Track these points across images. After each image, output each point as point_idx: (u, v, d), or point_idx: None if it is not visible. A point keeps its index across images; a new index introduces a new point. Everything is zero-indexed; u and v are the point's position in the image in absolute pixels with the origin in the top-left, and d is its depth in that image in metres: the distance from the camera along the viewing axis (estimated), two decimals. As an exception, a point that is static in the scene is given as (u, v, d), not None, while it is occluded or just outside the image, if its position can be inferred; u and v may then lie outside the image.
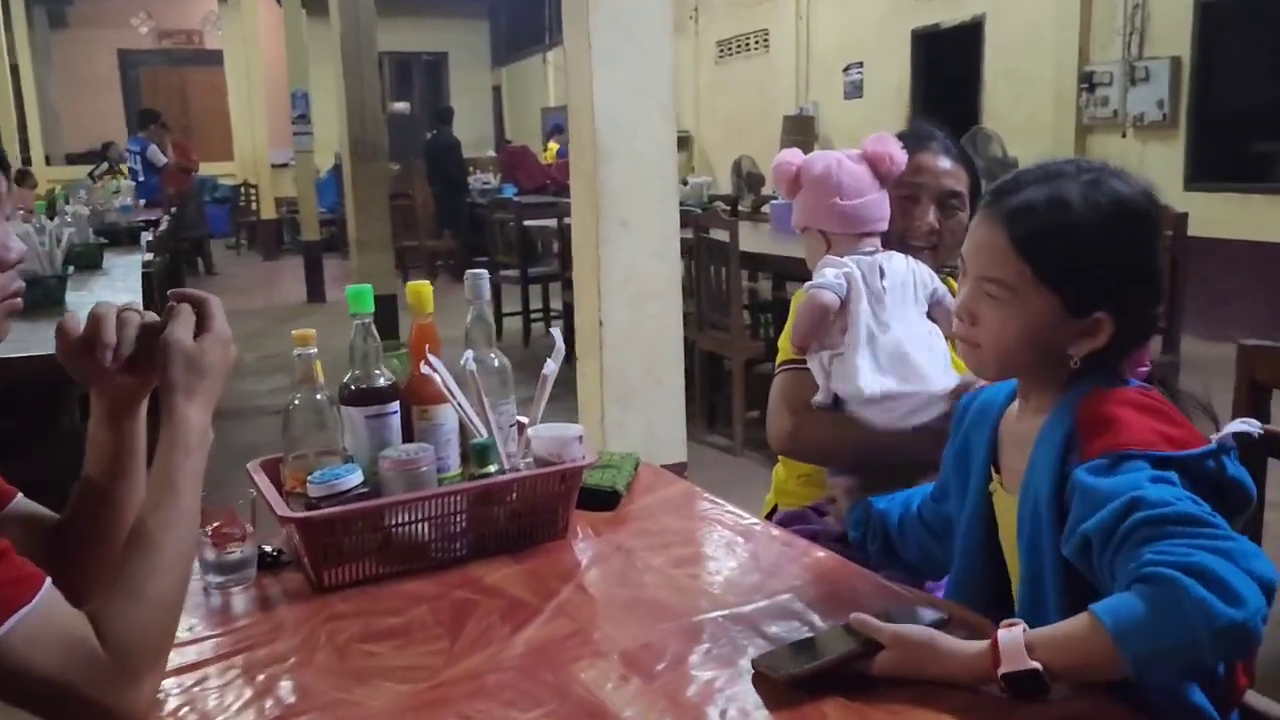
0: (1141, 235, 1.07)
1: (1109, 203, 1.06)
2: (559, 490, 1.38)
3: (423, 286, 1.45)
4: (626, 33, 2.31)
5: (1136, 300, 1.08)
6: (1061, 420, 1.07)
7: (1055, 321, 1.07)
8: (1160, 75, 6.63)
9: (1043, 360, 1.10)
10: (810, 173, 1.61)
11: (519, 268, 6.78)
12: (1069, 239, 1.06)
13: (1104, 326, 1.06)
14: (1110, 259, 1.06)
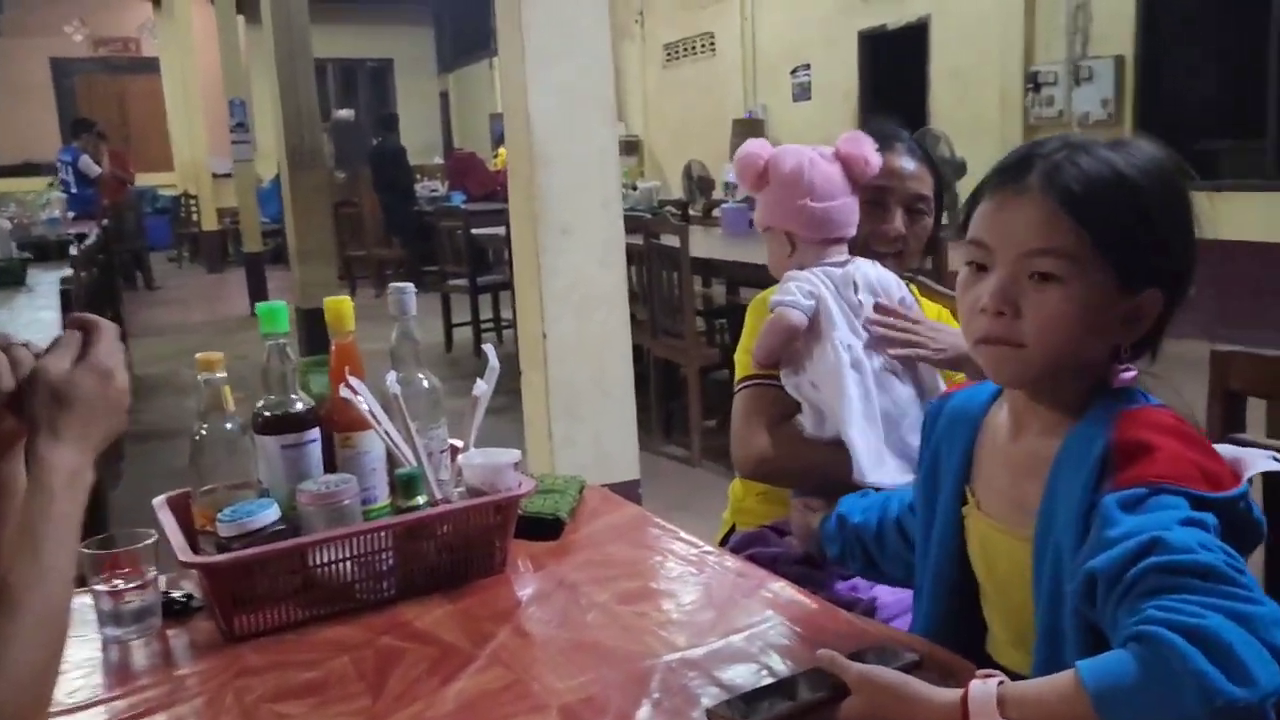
0: (1186, 199, 0.97)
1: (1151, 161, 0.96)
2: (494, 522, 1.28)
3: (341, 302, 1.34)
4: (562, 31, 2.20)
5: (1184, 276, 0.97)
6: (1091, 441, 0.93)
7: (1109, 301, 0.95)
8: (1104, 74, 6.67)
9: (1087, 358, 0.98)
10: (779, 169, 1.52)
11: (468, 277, 6.65)
12: (1122, 195, 0.94)
13: (1151, 307, 0.96)
14: (1164, 223, 0.95)
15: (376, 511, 1.34)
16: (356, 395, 1.28)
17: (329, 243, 6.14)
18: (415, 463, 1.28)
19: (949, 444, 1.13)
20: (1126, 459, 0.89)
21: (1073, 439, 0.96)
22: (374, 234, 10.49)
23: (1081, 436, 0.95)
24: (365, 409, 1.28)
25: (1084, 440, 0.95)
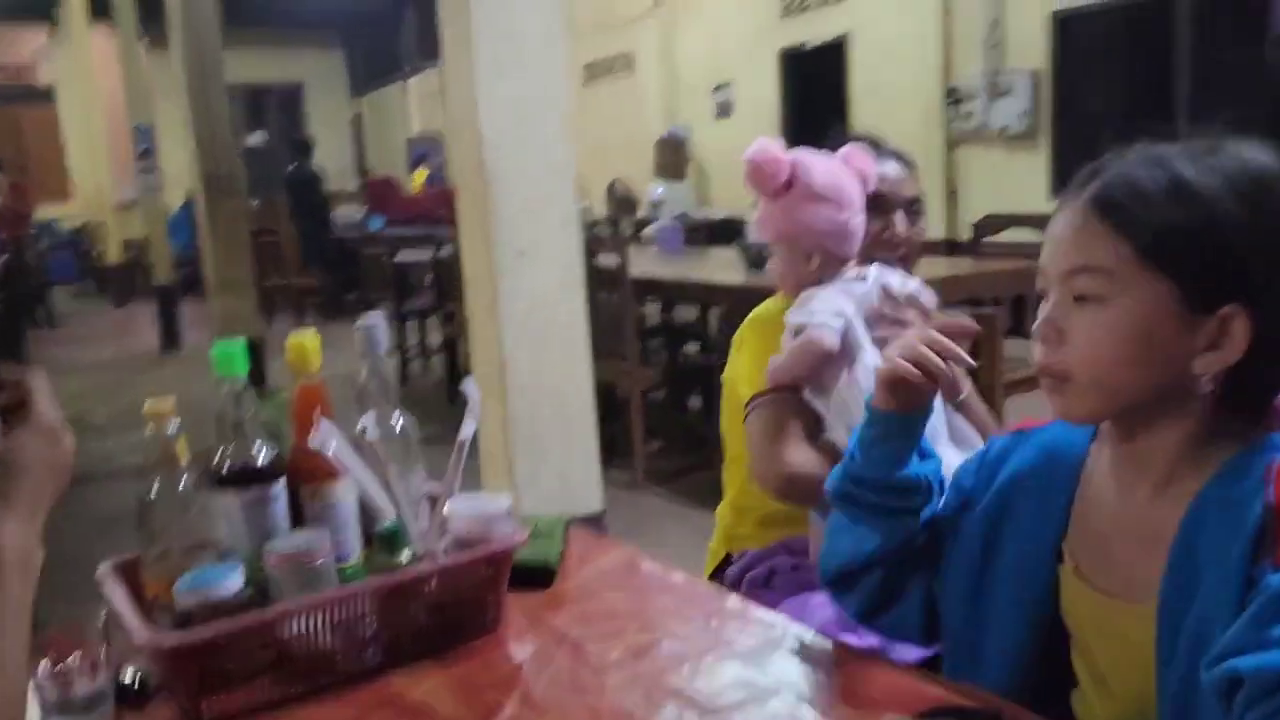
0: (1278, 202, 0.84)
1: (1228, 162, 0.85)
2: (487, 576, 1.16)
3: (306, 339, 1.21)
4: (513, 41, 2.10)
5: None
6: (1241, 503, 0.81)
7: (1169, 320, 0.84)
8: (1021, 87, 6.81)
9: (1164, 388, 0.86)
10: (810, 178, 1.43)
11: (393, 303, 6.48)
12: (1179, 202, 0.84)
13: (1236, 327, 0.83)
14: (1237, 227, 0.83)
15: (351, 570, 1.21)
16: (328, 442, 1.16)
17: (247, 273, 5.90)
18: (397, 515, 1.16)
19: (1035, 492, 1.00)
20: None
21: (1209, 500, 0.85)
22: (293, 262, 10.19)
23: (1220, 499, 0.84)
24: (338, 458, 1.16)
25: (1224, 502, 0.83)
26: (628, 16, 11.07)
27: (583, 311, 2.22)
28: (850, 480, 1.05)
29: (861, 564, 1.07)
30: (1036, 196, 6.73)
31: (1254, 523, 0.79)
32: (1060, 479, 0.98)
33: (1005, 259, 3.98)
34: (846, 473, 1.05)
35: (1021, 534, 1.00)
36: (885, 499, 1.03)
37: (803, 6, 8.77)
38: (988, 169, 7.19)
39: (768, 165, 1.42)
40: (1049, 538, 0.98)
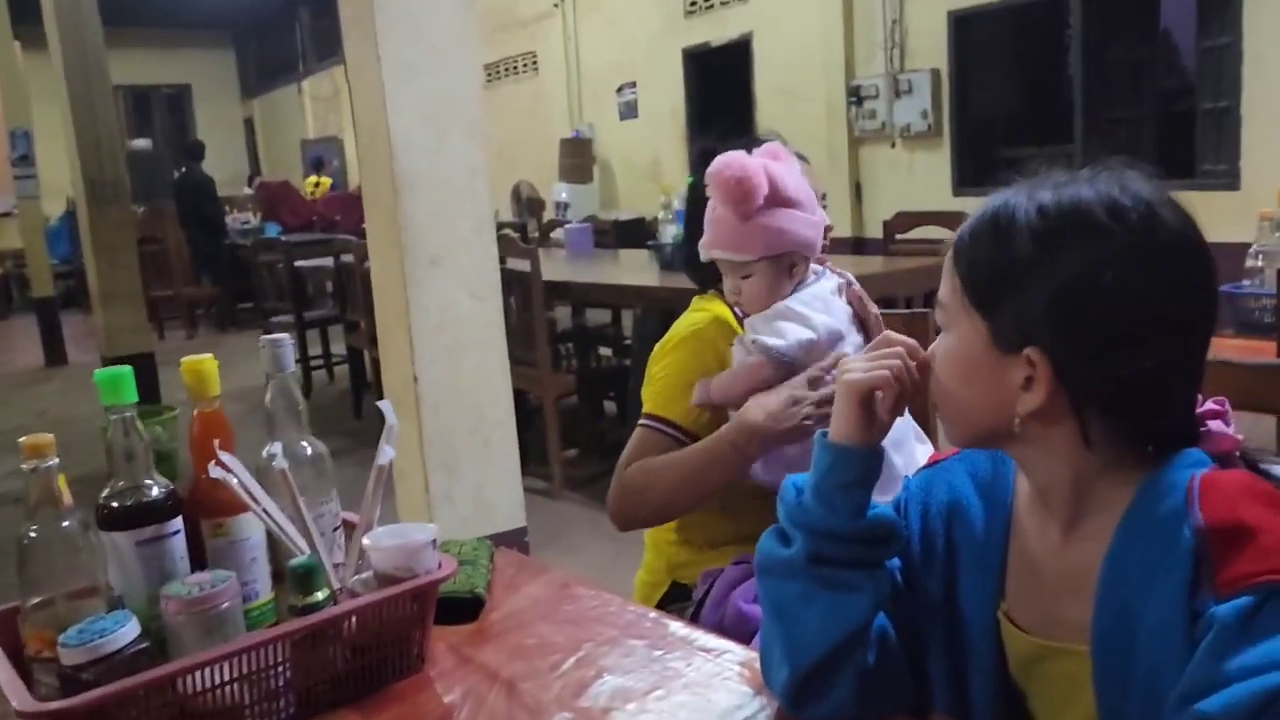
0: (1101, 248, 0.78)
1: (1062, 202, 0.80)
2: (411, 614, 1.07)
3: (203, 363, 1.11)
4: (422, 39, 2.00)
5: (1083, 337, 0.79)
6: (1166, 530, 0.76)
7: (986, 359, 0.83)
8: (922, 87, 6.92)
9: (1004, 427, 0.83)
10: (785, 184, 1.37)
11: (293, 313, 6.25)
12: (995, 239, 0.82)
13: (1038, 371, 0.80)
14: (1035, 267, 0.79)
15: (259, 610, 1.12)
16: (229, 473, 1.05)
17: (135, 284, 5.61)
18: (310, 550, 1.06)
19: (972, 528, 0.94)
20: (1226, 550, 0.73)
21: (1129, 533, 0.80)
22: (181, 272, 9.79)
23: (1140, 530, 0.79)
24: (241, 490, 1.06)
25: (1146, 533, 0.78)
26: (529, 16, 10.95)
27: (499, 320, 2.13)
28: (820, 538, 0.89)
29: (842, 646, 0.88)
30: (940, 194, 6.86)
31: (1185, 550, 0.75)
32: (994, 512, 0.93)
33: (916, 257, 4.01)
34: (811, 530, 0.89)
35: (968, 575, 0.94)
36: (862, 553, 0.90)
37: (706, 6, 8.78)
38: (892, 167, 7.30)
39: (751, 180, 1.33)
40: (989, 583, 0.92)
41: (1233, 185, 5.55)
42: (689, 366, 1.46)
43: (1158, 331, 0.79)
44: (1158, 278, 0.79)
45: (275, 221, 10.26)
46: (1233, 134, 5.56)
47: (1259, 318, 2.43)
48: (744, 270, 1.41)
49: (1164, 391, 0.80)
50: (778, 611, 0.92)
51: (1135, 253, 0.79)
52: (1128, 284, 0.78)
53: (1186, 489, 0.77)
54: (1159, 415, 0.81)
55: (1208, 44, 5.83)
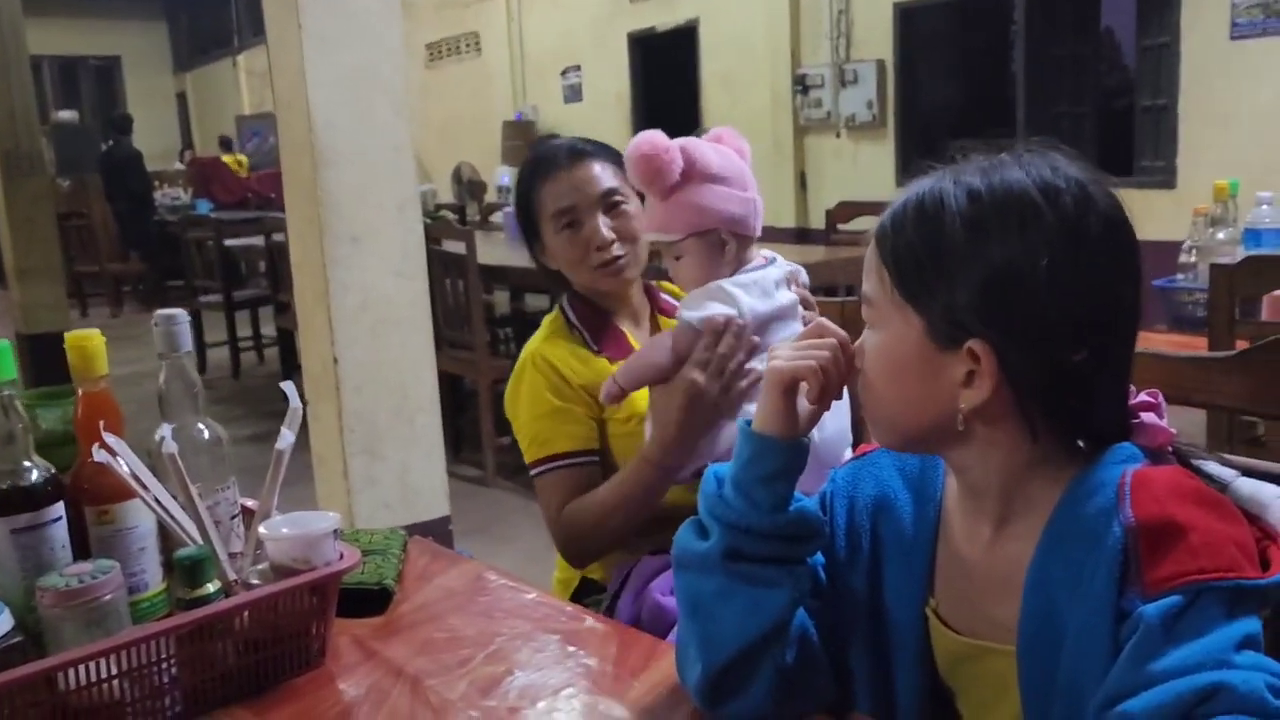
0: (1039, 230, 0.75)
1: (993, 185, 0.77)
2: (309, 607, 1.01)
3: (88, 338, 1.03)
4: (344, 10, 1.93)
5: (1023, 327, 0.75)
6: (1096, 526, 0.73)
7: (921, 354, 0.79)
8: (867, 77, 6.94)
9: (944, 423, 0.79)
10: (707, 159, 1.32)
11: (222, 292, 6.09)
12: (924, 228, 0.78)
13: (982, 363, 0.76)
14: (968, 255, 0.76)
15: (148, 602, 1.05)
16: (115, 457, 0.99)
17: (55, 258, 5.42)
18: (202, 540, 1.00)
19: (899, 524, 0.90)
20: (1155, 547, 0.70)
21: (1056, 531, 0.77)
22: (108, 247, 9.50)
23: (1068, 528, 0.76)
24: (128, 474, 0.99)
25: (1074, 531, 0.76)
26: (473, -5, 10.80)
27: (425, 301, 2.07)
28: (739, 533, 0.85)
29: (758, 643, 0.84)
30: (884, 185, 6.88)
31: (1114, 548, 0.72)
32: (923, 508, 0.90)
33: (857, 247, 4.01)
34: (730, 525, 0.85)
35: (894, 572, 0.90)
36: (782, 550, 0.86)
37: (652, -10, 8.73)
38: (836, 157, 7.31)
39: (661, 157, 1.28)
40: (917, 575, 0.89)
41: (1169, 183, 5.65)
42: (540, 397, 1.44)
43: (1098, 315, 0.76)
44: (1095, 259, 0.76)
45: (207, 198, 10.01)
46: (1170, 132, 5.66)
47: (1191, 312, 2.45)
48: (675, 250, 1.37)
49: (1099, 381, 0.77)
50: (693, 607, 0.88)
51: (1072, 234, 0.75)
52: (1066, 267, 0.75)
53: (1118, 485, 0.74)
54: (1094, 406, 0.78)
55: (1147, 43, 5.92)
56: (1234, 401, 1.08)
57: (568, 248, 1.48)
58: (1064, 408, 0.78)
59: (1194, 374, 1.06)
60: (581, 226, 1.47)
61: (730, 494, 0.86)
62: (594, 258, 1.47)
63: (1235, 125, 5.36)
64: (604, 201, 1.48)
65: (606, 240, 1.47)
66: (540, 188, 1.51)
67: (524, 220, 1.56)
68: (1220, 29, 5.33)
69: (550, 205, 1.49)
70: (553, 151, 1.52)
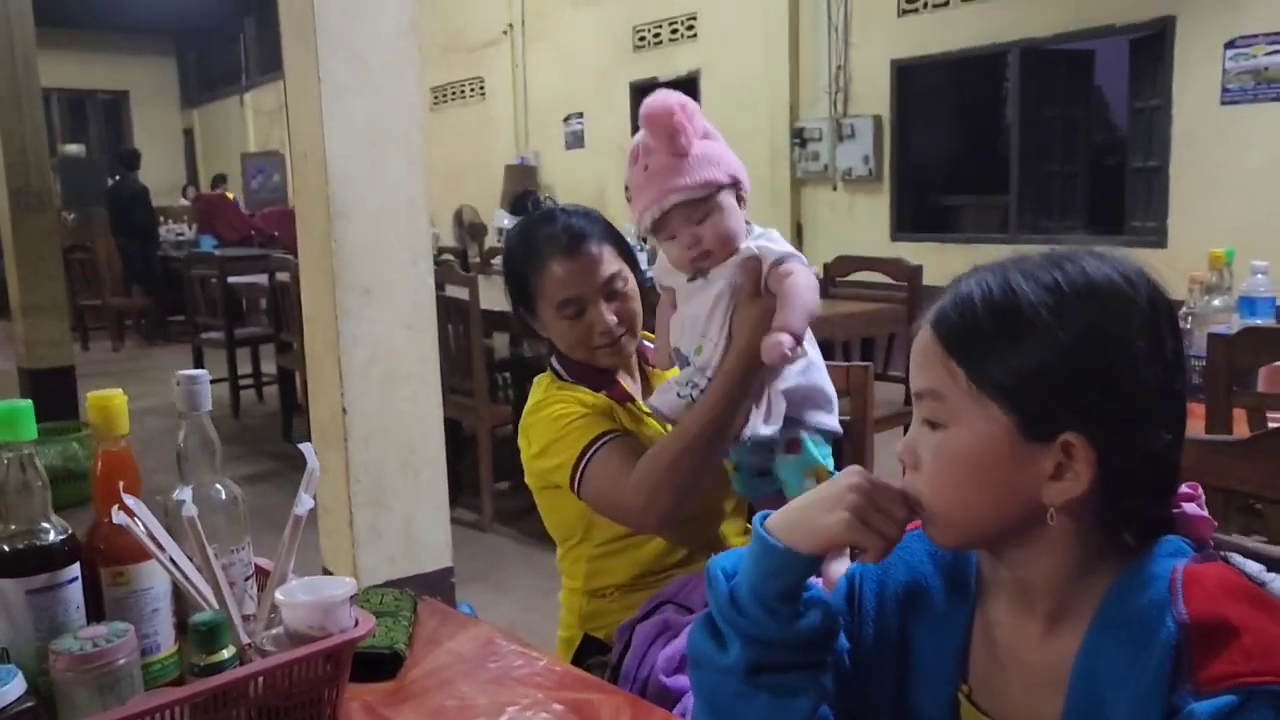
0: (1128, 318, 0.76)
1: (1063, 279, 0.77)
2: (324, 674, 1.01)
3: (112, 399, 1.04)
4: (363, 63, 1.95)
5: (1122, 414, 0.76)
6: (1149, 624, 0.73)
7: (1006, 449, 0.77)
8: (864, 132, 7.03)
9: (1018, 518, 0.79)
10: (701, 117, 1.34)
11: (224, 329, 6.11)
12: (1007, 324, 0.77)
13: (1078, 455, 0.76)
14: (1063, 351, 0.76)
15: (160, 665, 1.05)
16: (134, 519, 0.99)
17: (60, 295, 5.42)
18: (218, 605, 1.00)
19: (923, 614, 0.90)
20: (1208, 647, 0.70)
21: (1104, 625, 0.77)
22: (111, 282, 9.53)
23: (1116, 621, 0.76)
24: (145, 535, 0.99)
25: (1122, 624, 0.75)
26: (479, 41, 10.93)
27: (434, 354, 2.07)
28: (760, 646, 0.83)
29: None
30: (879, 238, 6.95)
31: (1167, 643, 0.72)
32: (957, 594, 0.89)
33: (855, 301, 4.04)
34: (749, 638, 0.83)
35: (924, 659, 0.90)
36: (804, 657, 0.85)
37: (655, 41, 8.84)
38: (832, 210, 7.38)
39: (681, 113, 1.29)
40: (948, 662, 0.88)
41: (1160, 243, 5.71)
42: (561, 414, 1.45)
43: (1171, 403, 0.78)
44: (1168, 347, 0.78)
45: (212, 234, 10.06)
46: (1161, 193, 5.73)
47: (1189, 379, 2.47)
48: (701, 211, 1.33)
49: (1172, 469, 0.79)
50: (712, 706, 0.86)
51: (1154, 320, 0.77)
52: (1154, 352, 0.76)
53: (1169, 580, 0.74)
54: (1165, 495, 0.80)
55: (1139, 105, 6.01)
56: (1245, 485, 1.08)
57: (569, 332, 1.51)
58: (1140, 497, 0.78)
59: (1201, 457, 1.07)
60: (585, 314, 1.49)
61: (750, 606, 0.84)
62: (597, 340, 1.50)
63: (1225, 188, 5.44)
64: (606, 289, 1.50)
65: (610, 328, 1.49)
66: (540, 270, 1.52)
67: (516, 291, 1.57)
68: (1211, 94, 5.43)
69: (554, 293, 1.50)
70: (551, 232, 1.53)
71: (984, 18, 6.40)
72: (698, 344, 1.36)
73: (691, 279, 1.37)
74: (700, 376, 1.35)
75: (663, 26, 8.73)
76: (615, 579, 1.49)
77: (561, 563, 1.60)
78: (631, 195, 1.36)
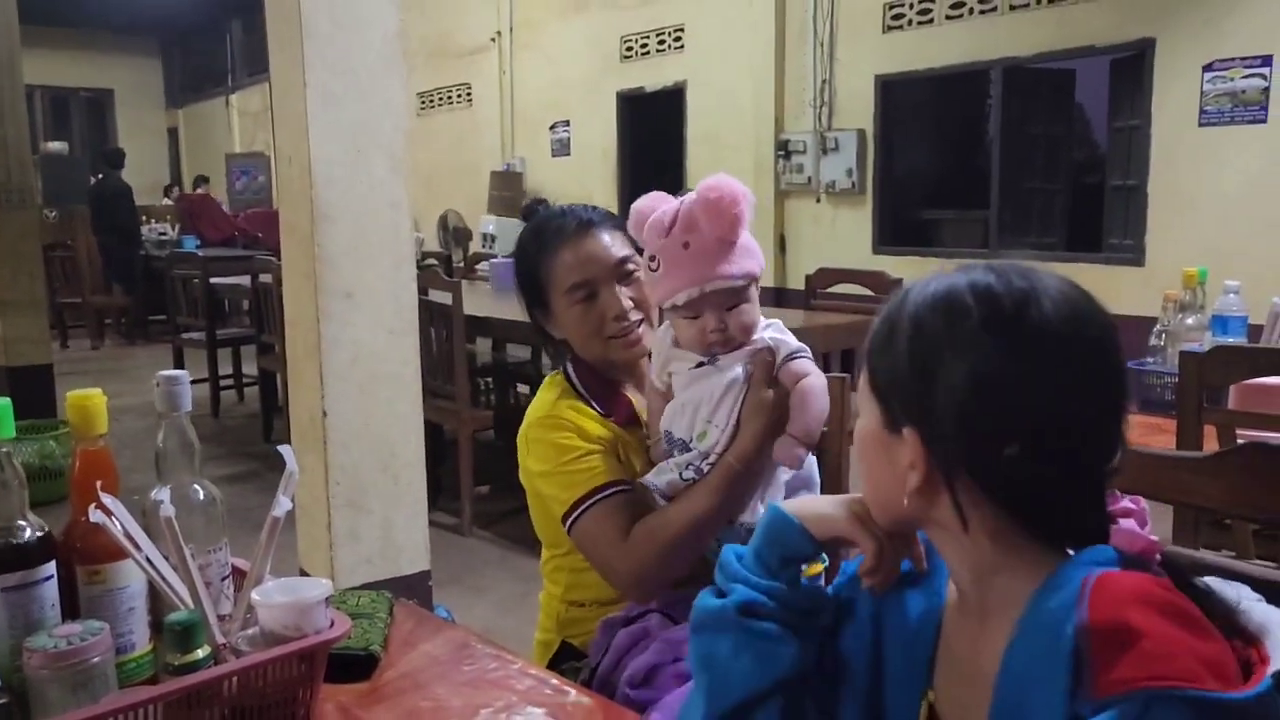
0: (956, 329, 0.78)
1: (935, 287, 0.81)
2: (298, 675, 1.02)
3: (91, 398, 1.05)
4: (349, 69, 1.97)
5: (941, 418, 0.78)
6: (1055, 627, 0.72)
7: (881, 438, 0.85)
8: (848, 146, 7.08)
9: (909, 513, 0.84)
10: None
11: (205, 329, 6.08)
12: (883, 323, 0.85)
13: (914, 449, 0.81)
14: (905, 356, 0.81)
15: (134, 663, 1.05)
16: (111, 518, 1.00)
17: (40, 292, 5.39)
18: (193, 605, 1.00)
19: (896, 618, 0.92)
20: (1107, 653, 0.68)
21: (1025, 629, 0.77)
22: (91, 280, 9.47)
23: (1034, 625, 0.76)
24: (122, 534, 1.00)
25: (1038, 627, 0.75)
26: (466, 48, 10.95)
27: (415, 358, 2.09)
28: (757, 593, 0.90)
29: (762, 693, 0.89)
30: (861, 251, 7.00)
31: (1066, 648, 0.70)
32: (929, 599, 0.92)
33: (836, 313, 4.06)
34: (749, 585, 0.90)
35: (896, 664, 0.92)
36: (793, 618, 0.90)
37: (642, 52, 8.88)
38: (815, 222, 7.43)
39: (750, 198, 1.32)
40: (918, 666, 0.90)
41: (1138, 261, 5.77)
42: (563, 447, 1.43)
43: (1023, 423, 0.77)
44: (1024, 367, 0.77)
45: (195, 234, 10.02)
46: (1140, 212, 5.79)
47: (1160, 394, 2.51)
48: (734, 299, 1.34)
49: (1050, 481, 0.78)
50: (706, 663, 0.91)
51: (975, 339, 0.78)
52: (973, 368, 0.78)
53: (1082, 583, 0.74)
54: (1048, 508, 0.80)
55: (1119, 124, 6.08)
56: (1208, 502, 1.10)
57: (583, 320, 1.47)
58: (1017, 505, 0.79)
59: (1169, 473, 1.08)
60: (598, 298, 1.47)
61: (752, 564, 0.92)
62: (611, 328, 1.47)
63: (1202, 208, 5.51)
64: (619, 271, 1.48)
65: (625, 311, 1.46)
66: (550, 260, 1.49)
67: (529, 290, 1.54)
68: (1190, 115, 5.50)
69: (564, 279, 1.48)
70: (560, 223, 1.51)
71: (968, 35, 6.47)
72: (701, 429, 1.37)
73: (697, 365, 1.38)
74: (703, 461, 1.36)
75: (650, 37, 8.77)
76: (595, 594, 1.49)
77: (544, 566, 1.59)
78: (659, 266, 1.34)
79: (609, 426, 1.47)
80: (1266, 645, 0.70)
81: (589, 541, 1.41)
